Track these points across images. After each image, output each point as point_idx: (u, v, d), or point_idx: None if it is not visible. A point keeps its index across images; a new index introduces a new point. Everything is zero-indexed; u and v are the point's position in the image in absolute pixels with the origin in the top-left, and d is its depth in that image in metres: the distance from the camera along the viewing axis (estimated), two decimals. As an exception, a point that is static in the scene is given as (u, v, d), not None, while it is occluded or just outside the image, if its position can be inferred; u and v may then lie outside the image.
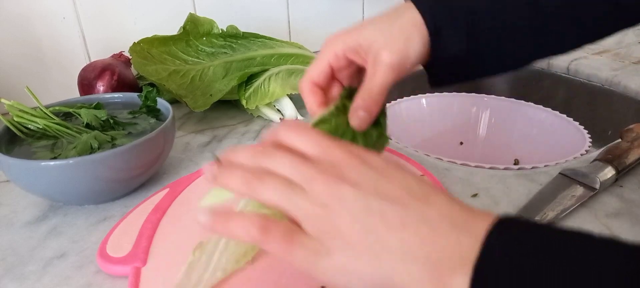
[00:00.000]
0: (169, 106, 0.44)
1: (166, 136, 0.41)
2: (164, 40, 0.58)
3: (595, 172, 0.40)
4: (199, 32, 0.59)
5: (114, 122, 0.44)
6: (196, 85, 0.55)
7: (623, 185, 0.41)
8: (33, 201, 0.41)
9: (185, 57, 0.57)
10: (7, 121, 0.41)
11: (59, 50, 0.63)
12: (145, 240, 0.33)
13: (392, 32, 0.31)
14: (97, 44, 0.65)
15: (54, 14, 0.61)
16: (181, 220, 0.36)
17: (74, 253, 0.34)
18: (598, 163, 0.41)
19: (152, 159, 0.41)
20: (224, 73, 0.56)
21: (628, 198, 0.39)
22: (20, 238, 0.36)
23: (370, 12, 0.89)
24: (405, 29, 0.31)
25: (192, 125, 0.56)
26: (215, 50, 0.58)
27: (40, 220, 0.39)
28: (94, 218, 0.38)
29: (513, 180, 0.42)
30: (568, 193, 0.39)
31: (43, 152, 0.39)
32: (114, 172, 0.38)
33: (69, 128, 0.42)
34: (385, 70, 0.31)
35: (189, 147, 0.51)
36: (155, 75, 0.55)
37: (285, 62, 0.59)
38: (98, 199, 0.40)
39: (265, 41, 0.60)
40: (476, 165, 0.45)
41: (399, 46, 0.31)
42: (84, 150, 0.38)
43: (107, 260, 0.32)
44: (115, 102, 0.48)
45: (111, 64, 0.57)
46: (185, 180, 0.42)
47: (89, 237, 0.36)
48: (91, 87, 0.56)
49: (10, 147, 0.40)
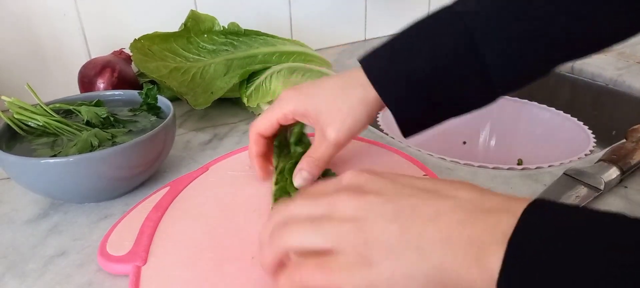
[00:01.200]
0: (169, 104, 0.44)
1: (167, 134, 0.41)
2: (165, 37, 0.57)
3: (600, 172, 0.39)
4: (200, 29, 0.58)
5: (115, 120, 0.44)
6: (197, 83, 0.55)
7: (628, 186, 0.40)
8: (34, 199, 0.41)
9: (186, 54, 0.57)
10: (8, 118, 0.40)
11: (59, 47, 0.63)
12: (146, 238, 0.33)
13: (341, 109, 0.34)
14: (98, 41, 0.65)
15: (55, 10, 0.61)
16: (182, 218, 0.36)
17: (74, 252, 0.34)
18: (603, 163, 0.41)
19: (153, 157, 0.40)
20: (225, 70, 0.56)
21: (633, 199, 0.39)
22: (21, 236, 0.36)
23: (372, 9, 0.89)
24: (354, 108, 0.34)
25: (193, 123, 0.56)
26: (216, 47, 0.58)
27: (41, 218, 0.38)
28: (95, 216, 0.38)
29: (517, 181, 0.42)
30: (572, 193, 0.38)
31: (43, 150, 0.39)
32: (115, 170, 0.37)
33: (69, 125, 0.41)
34: (328, 146, 0.35)
35: (189, 145, 0.50)
36: (156, 72, 0.55)
37: (286, 60, 0.59)
38: (99, 197, 0.40)
39: (266, 39, 0.59)
40: (479, 165, 0.44)
41: (346, 125, 0.34)
42: (84, 147, 0.38)
43: (107, 258, 0.32)
44: (116, 100, 0.48)
45: (112, 61, 0.57)
46: (186, 179, 0.41)
47: (90, 235, 0.36)
48: (91, 84, 0.56)
49: (11, 144, 0.40)
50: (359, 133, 0.36)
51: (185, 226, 0.35)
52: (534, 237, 0.19)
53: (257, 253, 0.31)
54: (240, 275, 0.30)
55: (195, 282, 0.29)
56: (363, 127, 0.36)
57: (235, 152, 0.46)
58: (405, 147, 0.48)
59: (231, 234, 0.34)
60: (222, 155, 0.46)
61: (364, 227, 0.22)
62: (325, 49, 0.86)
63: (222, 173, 0.43)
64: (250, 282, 0.29)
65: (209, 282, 0.29)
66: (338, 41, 0.88)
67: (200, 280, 0.30)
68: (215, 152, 0.49)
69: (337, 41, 0.88)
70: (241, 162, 0.44)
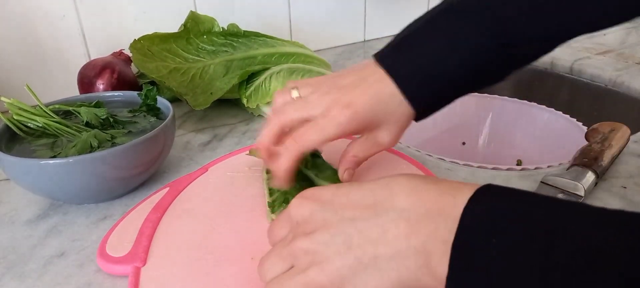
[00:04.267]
0: (169, 105, 0.44)
1: (166, 135, 0.41)
2: (164, 37, 0.57)
3: (577, 178, 0.38)
4: (200, 30, 0.58)
5: (114, 121, 0.44)
6: (197, 83, 0.55)
7: (627, 187, 0.40)
8: (33, 199, 0.41)
9: (186, 55, 0.57)
10: (7, 119, 0.40)
11: (58, 48, 0.63)
12: (145, 239, 0.33)
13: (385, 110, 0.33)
14: (97, 42, 0.65)
15: (54, 11, 0.61)
16: (181, 219, 0.36)
17: (74, 252, 0.34)
18: (577, 168, 0.40)
19: (152, 158, 0.40)
20: (224, 71, 0.56)
21: (632, 200, 0.39)
22: (21, 236, 0.36)
23: (371, 9, 0.89)
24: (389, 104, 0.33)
25: (192, 124, 0.56)
26: (216, 48, 0.58)
27: (40, 219, 0.38)
28: (94, 217, 0.38)
29: (516, 181, 0.42)
30: None
31: (43, 151, 0.39)
32: (114, 170, 0.37)
33: (68, 126, 0.41)
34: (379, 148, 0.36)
35: (189, 146, 0.50)
36: (156, 73, 0.55)
37: (286, 61, 0.59)
38: (98, 198, 0.40)
39: (266, 40, 0.59)
40: (479, 166, 0.44)
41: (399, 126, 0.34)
42: (83, 148, 0.38)
43: (107, 259, 0.32)
44: (115, 101, 0.48)
45: (111, 62, 0.57)
46: (186, 179, 0.41)
47: (89, 236, 0.36)
48: (91, 85, 0.56)
49: (10, 145, 0.40)
50: None
51: (184, 227, 0.35)
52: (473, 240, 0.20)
53: (256, 254, 0.32)
54: (240, 275, 0.30)
55: (195, 283, 0.29)
56: None
57: (234, 153, 0.47)
58: (404, 148, 0.48)
59: (231, 235, 0.34)
60: (222, 156, 0.46)
61: (326, 268, 0.23)
62: (324, 49, 0.86)
63: (222, 174, 0.43)
64: (250, 283, 0.29)
65: (208, 283, 0.29)
66: (337, 42, 0.89)
67: (199, 281, 0.30)
68: (215, 152, 0.49)
69: (337, 42, 0.88)
70: (240, 162, 0.44)
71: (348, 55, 0.83)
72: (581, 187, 0.38)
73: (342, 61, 0.80)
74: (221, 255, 0.32)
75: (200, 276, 0.30)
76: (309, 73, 0.58)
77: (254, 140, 0.51)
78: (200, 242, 0.33)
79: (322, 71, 0.59)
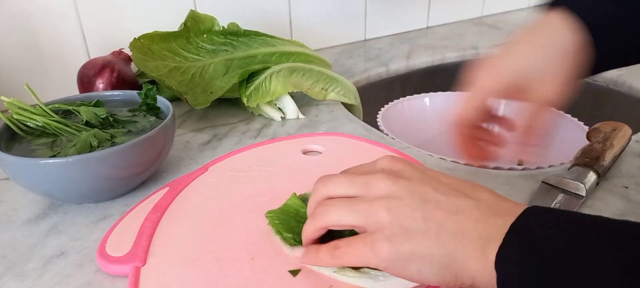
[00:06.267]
0: (169, 104, 0.44)
1: (166, 134, 0.41)
2: (164, 36, 0.57)
3: (579, 178, 0.38)
4: (200, 29, 0.58)
5: (114, 120, 0.43)
6: (197, 82, 0.55)
7: (628, 187, 0.40)
8: (33, 199, 0.41)
9: (186, 53, 0.57)
10: (7, 119, 0.40)
11: (58, 48, 0.63)
12: (145, 239, 0.33)
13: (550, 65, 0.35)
14: (97, 41, 0.65)
15: (54, 10, 0.61)
16: (181, 219, 0.36)
17: (74, 252, 0.34)
18: (578, 168, 0.40)
19: (152, 157, 0.40)
20: (224, 70, 0.56)
21: (633, 199, 0.38)
22: (21, 236, 0.36)
23: (372, 9, 0.89)
24: None
25: (192, 123, 0.56)
26: (216, 47, 0.57)
27: (40, 218, 0.38)
28: (94, 216, 0.38)
29: (517, 181, 0.42)
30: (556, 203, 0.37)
31: (42, 150, 0.39)
32: (114, 170, 0.37)
33: (68, 126, 0.41)
34: (542, 105, 0.37)
35: (189, 146, 0.50)
36: (156, 72, 0.55)
37: (286, 60, 0.59)
38: (98, 197, 0.40)
39: (266, 39, 0.59)
40: (480, 166, 0.44)
41: None
42: (83, 148, 0.38)
43: (106, 259, 0.32)
44: (115, 100, 0.48)
45: (111, 61, 0.57)
46: (186, 179, 0.41)
47: (89, 236, 0.36)
48: (91, 84, 0.56)
49: (10, 144, 0.40)
50: None
51: (184, 226, 0.35)
52: (525, 230, 0.22)
53: (256, 254, 0.31)
54: (240, 275, 0.30)
55: (195, 283, 0.29)
56: None
57: (234, 152, 0.46)
58: (405, 147, 0.48)
59: (231, 234, 0.34)
60: (222, 155, 0.46)
61: (392, 209, 0.25)
62: (325, 49, 0.86)
63: (222, 173, 0.42)
64: (250, 282, 0.29)
65: (208, 283, 0.29)
66: (338, 41, 0.88)
67: (199, 281, 0.29)
68: (215, 152, 0.49)
69: (337, 41, 0.88)
70: (241, 162, 0.44)
71: (348, 55, 0.83)
72: (583, 186, 0.38)
73: (343, 60, 0.79)
74: (221, 255, 0.32)
75: (200, 276, 0.30)
76: (309, 72, 0.58)
77: (254, 140, 0.51)
78: (200, 242, 0.33)
79: (323, 70, 0.59)
